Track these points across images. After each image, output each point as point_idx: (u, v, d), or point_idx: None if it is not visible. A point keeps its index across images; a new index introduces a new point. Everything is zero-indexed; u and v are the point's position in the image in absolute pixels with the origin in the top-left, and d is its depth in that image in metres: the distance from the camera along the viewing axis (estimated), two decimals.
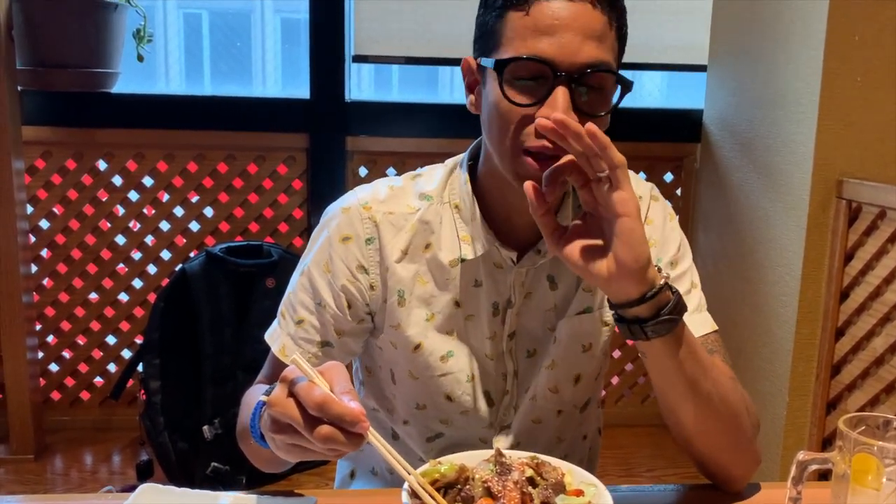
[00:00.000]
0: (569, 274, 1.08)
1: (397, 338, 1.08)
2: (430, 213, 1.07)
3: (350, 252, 1.05)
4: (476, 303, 1.07)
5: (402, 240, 1.06)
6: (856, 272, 2.01)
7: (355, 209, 1.07)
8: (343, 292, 1.06)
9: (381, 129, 2.83)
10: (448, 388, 1.09)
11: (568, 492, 0.86)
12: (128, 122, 2.77)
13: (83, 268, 2.83)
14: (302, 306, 1.07)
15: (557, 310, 1.09)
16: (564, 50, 0.90)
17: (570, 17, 0.90)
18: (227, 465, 2.27)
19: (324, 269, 1.06)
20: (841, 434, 0.85)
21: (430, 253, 1.06)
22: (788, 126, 2.19)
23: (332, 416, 0.75)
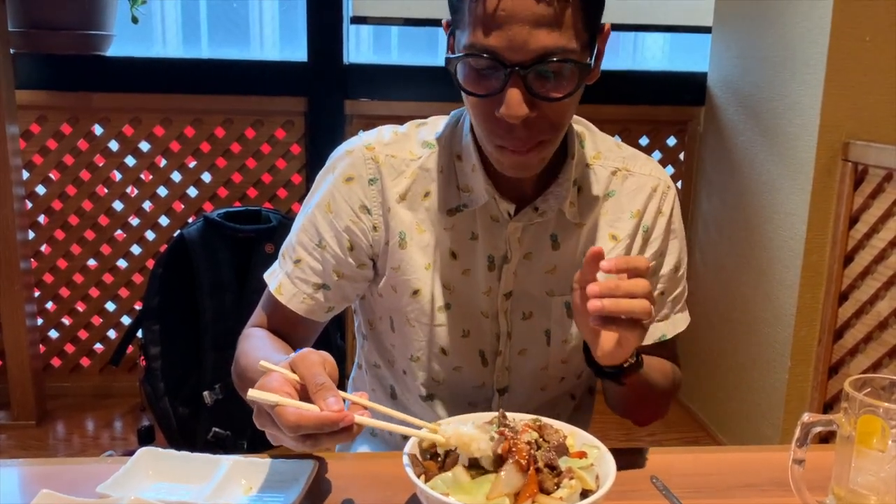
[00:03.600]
0: (573, 236, 1.08)
1: (397, 281, 1.08)
2: (430, 161, 1.07)
3: (353, 192, 1.05)
4: (472, 256, 1.07)
5: (402, 184, 1.06)
6: (860, 235, 1.99)
7: (359, 150, 1.07)
8: (346, 233, 1.06)
9: (381, 92, 2.79)
10: (443, 341, 1.10)
11: (571, 454, 0.85)
12: (124, 86, 2.73)
13: (81, 234, 2.81)
14: (301, 247, 1.07)
15: (557, 273, 1.08)
16: (513, 42, 0.87)
17: (517, 6, 0.86)
18: (229, 430, 2.28)
19: (326, 209, 1.06)
20: (846, 396, 0.84)
21: (429, 201, 1.06)
22: (794, 88, 2.15)
23: (312, 431, 0.75)
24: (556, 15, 0.87)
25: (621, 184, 1.09)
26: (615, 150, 1.11)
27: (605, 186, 1.09)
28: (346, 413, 0.76)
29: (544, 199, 1.04)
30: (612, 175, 1.09)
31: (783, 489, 0.88)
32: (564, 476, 0.80)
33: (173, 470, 0.94)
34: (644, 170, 1.11)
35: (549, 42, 0.87)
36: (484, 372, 1.12)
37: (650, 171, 1.11)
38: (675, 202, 1.14)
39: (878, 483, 0.83)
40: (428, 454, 0.86)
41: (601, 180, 1.09)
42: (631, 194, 1.09)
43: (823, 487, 0.89)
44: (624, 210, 1.09)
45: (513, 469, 0.79)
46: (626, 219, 1.09)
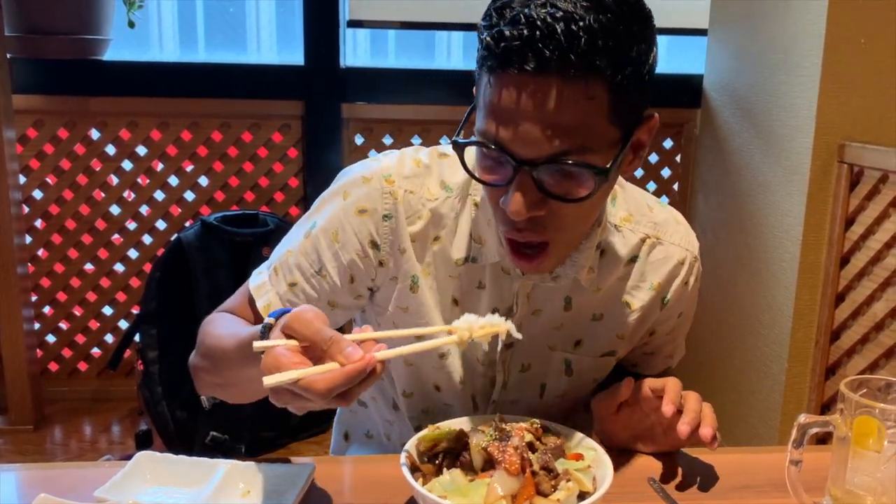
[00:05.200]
0: (588, 298, 1.04)
1: (404, 321, 1.03)
2: (445, 206, 1.01)
3: (365, 226, 0.99)
4: (475, 304, 1.03)
5: (417, 225, 1.01)
6: (856, 237, 1.99)
7: (377, 180, 0.99)
8: (349, 266, 1.00)
9: (378, 96, 2.80)
10: (437, 381, 1.07)
11: (567, 456, 0.86)
12: (120, 91, 2.73)
13: (78, 238, 2.81)
14: (299, 270, 1.02)
15: (564, 329, 1.05)
16: (524, 139, 0.80)
17: (528, 103, 0.79)
18: (226, 434, 2.28)
19: (332, 238, 1.00)
20: (842, 397, 0.85)
21: (439, 246, 1.01)
22: (790, 90, 2.15)
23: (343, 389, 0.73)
24: (574, 114, 0.80)
25: (648, 252, 1.04)
26: (646, 213, 1.05)
27: (631, 252, 1.04)
28: (369, 356, 0.74)
29: (561, 263, 0.99)
30: (640, 242, 1.04)
31: (780, 490, 0.88)
32: (562, 478, 0.81)
33: (171, 474, 0.94)
34: (674, 238, 1.05)
35: (564, 143, 0.80)
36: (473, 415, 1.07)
37: (679, 240, 1.06)
38: (699, 268, 1.09)
39: (874, 483, 0.83)
40: (425, 457, 0.87)
41: (627, 245, 1.03)
42: (656, 264, 1.05)
43: (820, 488, 0.89)
44: (645, 279, 1.05)
45: (504, 474, 0.79)
46: (646, 289, 1.05)
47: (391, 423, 1.15)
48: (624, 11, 0.80)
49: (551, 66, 0.77)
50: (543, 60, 0.77)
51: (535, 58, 0.77)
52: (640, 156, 0.91)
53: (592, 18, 0.78)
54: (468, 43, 3.41)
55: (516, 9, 0.79)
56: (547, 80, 0.78)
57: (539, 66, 0.78)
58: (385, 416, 1.16)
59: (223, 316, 1.07)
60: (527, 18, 0.78)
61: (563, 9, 0.77)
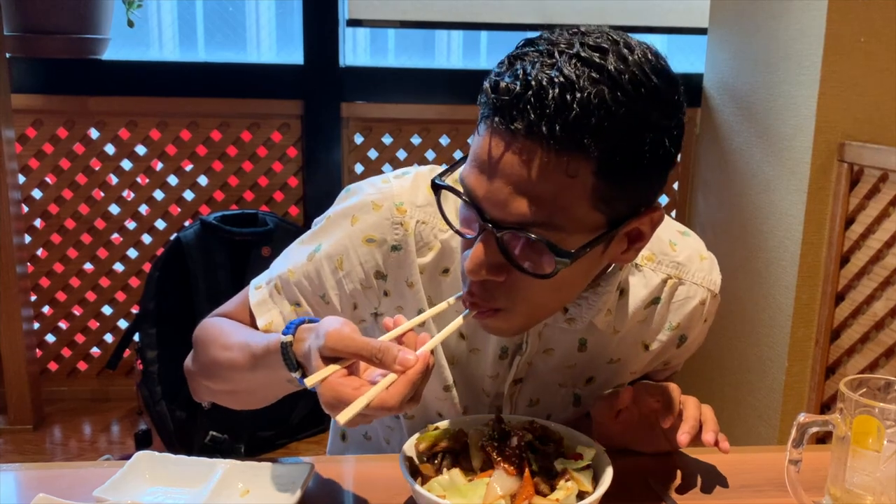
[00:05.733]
0: (604, 341, 1.00)
1: None
2: (456, 239, 0.93)
3: (372, 256, 0.95)
4: (484, 341, 0.99)
5: (427, 257, 0.96)
6: (857, 236, 1.99)
7: (388, 209, 0.94)
8: (352, 295, 0.97)
9: (377, 95, 2.79)
10: (440, 410, 1.05)
11: (567, 455, 0.85)
12: (119, 90, 2.73)
13: (77, 238, 2.81)
14: (302, 294, 0.99)
15: (576, 369, 1.02)
16: (493, 199, 0.75)
17: (507, 162, 0.74)
18: (225, 433, 2.28)
19: (337, 264, 0.96)
20: (842, 396, 0.84)
21: (448, 279, 0.97)
22: (790, 89, 2.15)
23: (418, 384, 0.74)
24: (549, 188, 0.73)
25: (670, 293, 1.00)
26: (669, 251, 0.99)
27: (651, 294, 0.99)
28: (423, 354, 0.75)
29: (577, 303, 0.94)
30: (661, 283, 0.99)
31: (780, 490, 0.88)
32: (561, 478, 0.81)
33: (170, 474, 0.94)
34: (696, 278, 1.00)
35: (532, 214, 0.74)
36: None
37: (702, 279, 1.00)
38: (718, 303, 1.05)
39: (873, 483, 0.83)
40: (424, 457, 0.86)
41: (649, 286, 0.98)
42: (678, 305, 1.00)
43: (820, 488, 0.89)
44: (664, 321, 1.01)
45: (502, 474, 0.79)
46: (665, 330, 1.01)
47: (391, 429, 1.15)
48: (639, 94, 0.72)
49: (535, 132, 0.72)
50: (529, 123, 0.72)
51: (521, 118, 0.72)
52: (637, 248, 0.84)
53: (594, 92, 0.71)
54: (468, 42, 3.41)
55: (525, 62, 0.74)
56: (530, 145, 0.73)
57: (524, 127, 0.72)
58: (385, 422, 1.15)
59: (222, 323, 1.04)
60: (526, 75, 0.72)
61: (566, 75, 0.71)
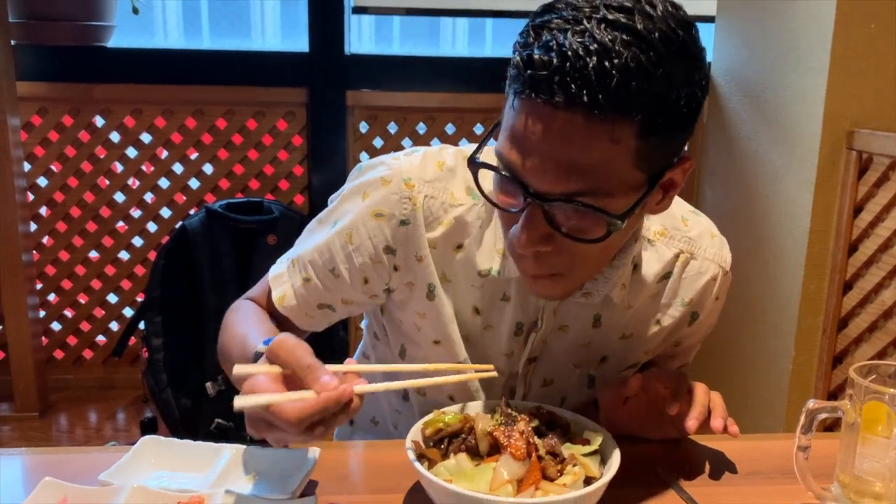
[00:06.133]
0: (618, 316, 1.01)
1: (422, 324, 1.02)
2: (471, 214, 0.96)
3: (381, 231, 0.96)
4: (499, 317, 1.00)
5: (437, 232, 0.97)
6: (865, 224, 1.98)
7: (396, 183, 0.95)
8: (362, 269, 0.98)
9: (383, 83, 2.78)
10: (453, 390, 1.05)
11: (574, 440, 0.85)
12: (125, 77, 2.72)
13: (83, 226, 2.81)
14: (313, 267, 1.01)
15: (591, 347, 1.03)
16: (537, 173, 0.76)
17: (549, 137, 0.74)
18: (231, 421, 2.28)
19: (347, 239, 0.98)
20: (852, 382, 0.84)
21: (462, 254, 0.97)
22: (799, 76, 2.13)
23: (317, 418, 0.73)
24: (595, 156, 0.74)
25: (682, 268, 1.01)
26: (681, 227, 1.01)
27: (664, 268, 1.00)
28: (345, 386, 0.73)
29: (593, 279, 0.95)
30: (674, 258, 1.00)
31: (788, 477, 0.88)
32: (568, 463, 0.80)
33: (176, 458, 0.94)
34: (708, 254, 1.01)
35: (580, 184, 0.75)
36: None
37: (713, 255, 1.02)
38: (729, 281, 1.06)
39: (882, 469, 0.83)
40: (431, 442, 0.86)
41: (662, 261, 1.00)
42: (689, 280, 1.01)
43: (828, 475, 0.88)
44: (676, 296, 1.02)
45: (509, 458, 0.78)
46: (678, 305, 1.02)
47: (399, 412, 1.14)
48: (670, 51, 0.73)
49: (577, 103, 0.72)
50: (570, 95, 0.71)
51: (562, 91, 0.72)
52: (671, 196, 0.86)
53: (630, 56, 0.71)
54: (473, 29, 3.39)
55: (553, 31, 0.73)
56: (571, 116, 0.73)
57: (565, 99, 0.72)
58: (394, 405, 1.15)
59: (241, 310, 1.05)
60: (559, 46, 0.72)
61: (599, 41, 0.71)
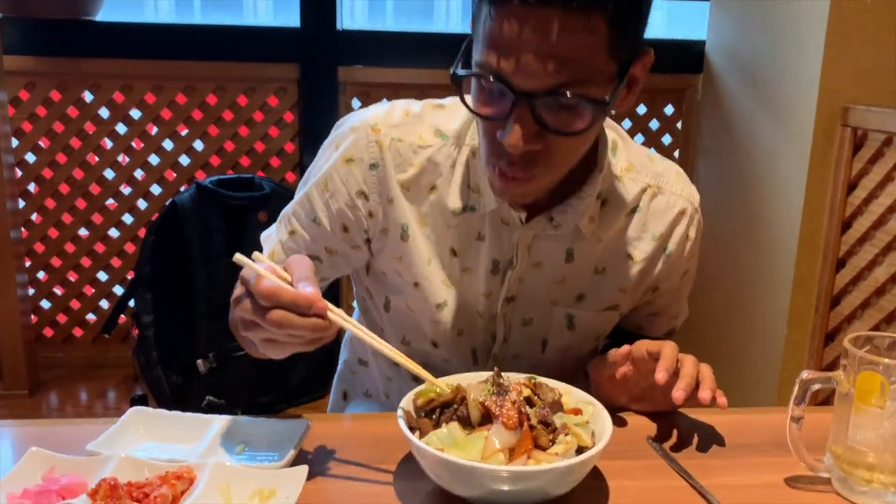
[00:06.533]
0: (590, 250, 1.03)
1: (400, 269, 1.04)
2: (441, 155, 1.00)
3: (352, 175, 1.00)
4: (475, 256, 1.02)
5: (407, 173, 1.01)
6: (859, 201, 1.98)
7: (363, 129, 1.00)
8: (339, 215, 1.02)
9: (375, 59, 2.75)
10: (436, 336, 1.07)
11: (566, 411, 0.84)
12: (113, 52, 2.69)
13: (72, 203, 2.78)
14: (296, 219, 1.05)
15: (566, 284, 1.04)
16: (524, 71, 0.80)
17: (530, 35, 0.78)
18: (222, 398, 2.27)
19: (323, 187, 1.02)
20: (846, 353, 0.83)
21: (435, 195, 1.01)
22: (793, 53, 2.12)
23: (284, 305, 0.74)
24: (574, 47, 0.79)
25: (649, 201, 1.04)
26: (647, 163, 1.05)
27: (632, 202, 1.03)
28: (319, 299, 0.74)
29: (562, 210, 0.98)
30: (641, 192, 1.04)
31: (780, 449, 0.88)
32: (560, 432, 0.80)
33: (164, 429, 0.93)
34: (675, 189, 1.05)
35: (564, 75, 0.80)
36: (473, 369, 1.08)
37: (681, 190, 1.06)
38: (700, 222, 1.09)
39: (876, 440, 0.82)
40: (423, 412, 0.85)
41: (629, 195, 1.03)
42: (657, 214, 1.04)
43: (821, 447, 0.88)
44: (647, 230, 1.05)
45: (501, 428, 0.78)
46: (648, 239, 1.05)
47: (390, 379, 1.15)
48: None
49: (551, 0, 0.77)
50: None
51: None
52: (635, 92, 0.91)
53: None
54: (467, 6, 3.36)
55: None
56: (548, 12, 0.78)
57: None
58: (385, 372, 1.16)
59: None
60: None
61: None
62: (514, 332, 1.07)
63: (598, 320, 1.08)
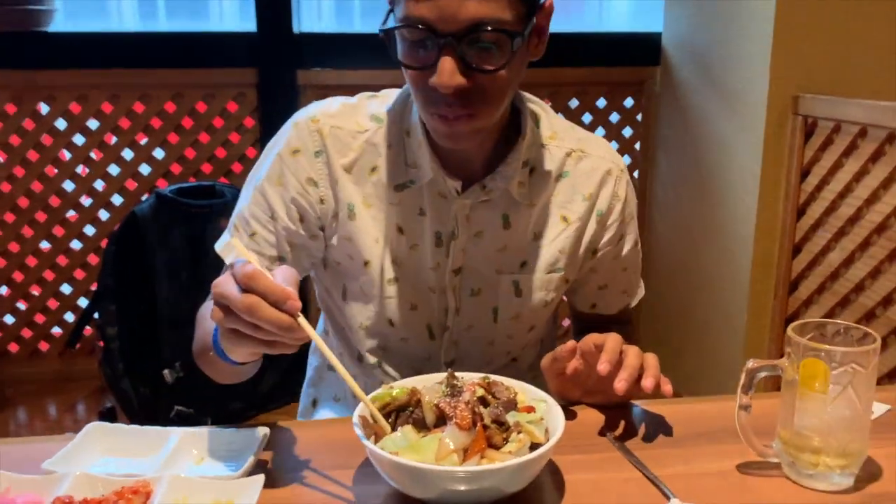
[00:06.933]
0: (524, 216, 1.09)
1: (349, 251, 1.09)
2: (378, 136, 1.07)
3: (300, 165, 1.06)
4: (420, 231, 1.08)
5: (349, 157, 1.06)
6: (812, 188, 2.02)
7: (304, 122, 1.07)
8: (294, 205, 1.06)
9: (334, 61, 2.74)
10: (391, 314, 1.10)
11: (519, 409, 0.86)
12: (68, 63, 2.65)
13: (32, 216, 2.74)
14: (255, 220, 1.07)
15: (507, 251, 1.10)
16: (444, 13, 0.88)
17: None
18: (192, 407, 2.26)
19: (276, 181, 1.06)
20: (789, 340, 0.85)
21: (377, 176, 1.07)
22: (744, 43, 2.16)
23: (260, 290, 0.75)
24: None
25: (575, 165, 1.10)
26: (570, 131, 1.12)
27: (559, 167, 1.10)
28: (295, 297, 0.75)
29: (492, 178, 1.05)
30: (566, 156, 1.10)
31: (734, 437, 0.89)
32: (513, 430, 0.81)
33: (123, 444, 0.93)
34: (598, 152, 1.12)
35: (481, 12, 0.88)
36: (431, 345, 1.13)
37: (604, 153, 1.12)
38: (630, 185, 1.15)
39: (821, 425, 0.84)
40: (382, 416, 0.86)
41: (555, 161, 1.09)
42: (584, 176, 1.10)
43: (771, 433, 0.90)
44: (577, 192, 1.10)
45: (455, 429, 0.79)
46: (579, 201, 1.10)
47: (355, 377, 1.15)
48: None
49: None
50: None
51: None
52: (543, 41, 0.99)
53: None
54: None
55: None
56: None
57: None
58: (351, 371, 1.16)
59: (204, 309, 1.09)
60: None
61: None
62: (465, 304, 1.11)
63: (543, 283, 1.11)
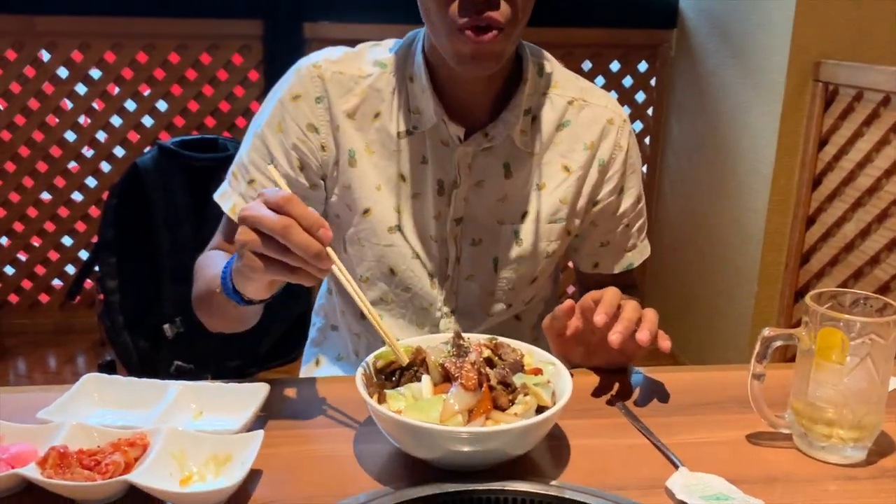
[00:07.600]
0: (525, 165, 1.08)
1: (349, 199, 1.07)
2: (381, 81, 1.05)
3: (300, 110, 1.05)
4: (422, 180, 1.07)
5: (351, 102, 1.05)
6: (829, 157, 1.97)
7: (305, 69, 1.06)
8: (295, 151, 1.05)
9: (342, 14, 2.69)
10: (392, 262, 1.09)
11: (526, 371, 0.83)
12: (69, 9, 2.60)
13: (32, 166, 2.71)
14: (254, 166, 1.06)
15: (508, 201, 1.09)
16: None
17: None
18: (191, 362, 2.25)
19: (276, 128, 1.05)
20: (807, 309, 0.83)
21: (379, 122, 1.06)
22: (766, 8, 2.10)
23: (295, 214, 0.75)
24: None
25: (577, 114, 1.09)
26: (573, 80, 1.11)
27: (561, 116, 1.09)
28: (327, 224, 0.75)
29: (494, 124, 1.04)
30: (568, 105, 1.09)
31: (743, 406, 0.87)
32: (519, 392, 0.79)
33: (120, 395, 0.91)
34: (601, 101, 1.11)
35: None
36: (431, 294, 1.11)
37: (606, 103, 1.11)
38: (632, 136, 1.14)
39: (836, 395, 0.82)
40: (383, 375, 0.84)
41: (557, 109, 1.09)
42: (586, 125, 1.09)
43: (783, 404, 0.88)
44: (578, 141, 1.09)
45: (460, 389, 0.76)
46: (580, 150, 1.09)
47: (359, 336, 1.17)
48: None
49: None
50: None
51: None
52: None
53: None
54: None
55: None
56: None
57: None
58: (353, 328, 1.17)
59: (209, 255, 1.09)
60: None
61: None
62: (466, 253, 1.10)
63: (544, 234, 1.10)
